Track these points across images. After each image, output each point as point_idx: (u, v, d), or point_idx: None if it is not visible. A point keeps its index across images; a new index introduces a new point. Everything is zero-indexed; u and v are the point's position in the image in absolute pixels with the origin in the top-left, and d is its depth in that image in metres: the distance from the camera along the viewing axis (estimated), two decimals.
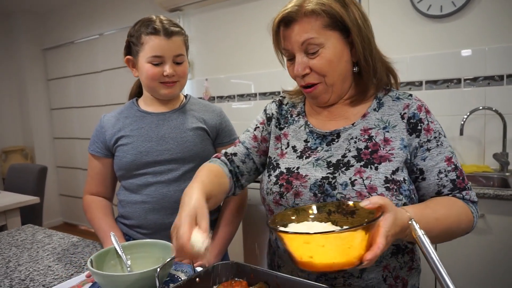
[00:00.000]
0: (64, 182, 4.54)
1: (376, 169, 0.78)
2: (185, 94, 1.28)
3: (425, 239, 0.62)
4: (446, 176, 0.81)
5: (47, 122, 4.50)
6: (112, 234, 0.95)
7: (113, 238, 0.94)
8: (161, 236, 1.06)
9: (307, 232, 0.59)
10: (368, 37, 0.82)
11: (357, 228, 0.57)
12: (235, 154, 0.97)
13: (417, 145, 0.82)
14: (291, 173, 0.85)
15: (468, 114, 2.00)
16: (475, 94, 2.06)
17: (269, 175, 0.90)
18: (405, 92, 0.88)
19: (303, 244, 0.59)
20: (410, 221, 0.64)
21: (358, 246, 0.59)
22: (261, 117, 1.01)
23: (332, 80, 0.83)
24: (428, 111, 0.84)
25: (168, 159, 1.14)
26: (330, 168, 0.82)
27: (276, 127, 0.96)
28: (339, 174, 0.80)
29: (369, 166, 0.79)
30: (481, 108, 2.01)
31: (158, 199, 1.13)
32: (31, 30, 4.27)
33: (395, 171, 0.78)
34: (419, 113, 0.83)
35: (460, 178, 0.82)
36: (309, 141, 0.89)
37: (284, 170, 0.87)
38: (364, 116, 0.86)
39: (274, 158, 0.92)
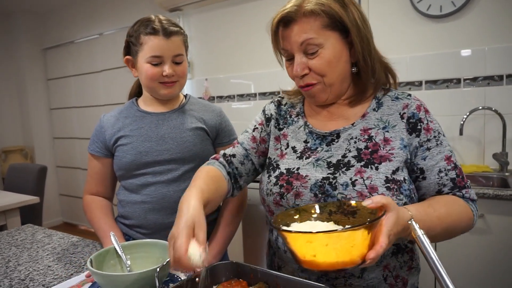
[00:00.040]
0: (64, 182, 4.54)
1: (377, 169, 0.78)
2: (185, 94, 1.28)
3: (425, 239, 0.62)
4: (446, 175, 0.82)
5: (47, 122, 4.50)
6: (112, 234, 0.95)
7: (113, 238, 0.94)
8: (161, 236, 1.06)
9: (310, 231, 0.59)
10: (367, 37, 0.82)
11: (360, 227, 0.57)
12: (234, 156, 0.96)
13: (417, 145, 0.82)
14: (291, 174, 0.85)
15: (468, 114, 2.00)
16: (475, 94, 2.06)
17: (269, 176, 0.90)
18: (404, 92, 0.88)
19: (306, 243, 0.59)
20: (410, 221, 0.65)
21: (361, 245, 0.59)
22: (260, 118, 1.00)
23: (331, 80, 0.83)
24: (427, 111, 0.84)
25: (168, 159, 1.14)
26: (331, 169, 0.82)
27: (276, 128, 0.96)
28: (340, 175, 0.80)
29: (370, 166, 0.79)
30: (481, 108, 2.01)
31: (158, 199, 1.13)
32: (31, 30, 4.27)
33: (395, 171, 0.78)
34: (419, 113, 0.83)
35: (460, 177, 0.83)
36: (309, 142, 0.89)
37: (284, 171, 0.87)
38: (364, 116, 0.86)
39: (274, 159, 0.92)
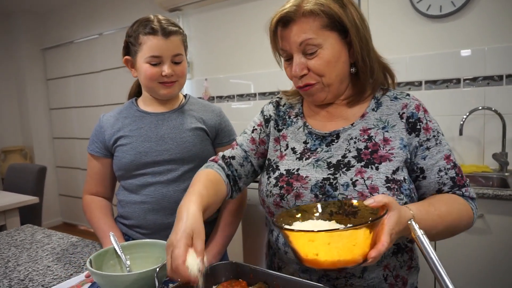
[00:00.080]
0: (64, 182, 4.54)
1: (377, 169, 0.78)
2: (185, 94, 1.27)
3: (425, 239, 0.62)
4: (446, 174, 0.82)
5: (47, 122, 4.50)
6: (112, 234, 0.95)
7: (112, 238, 0.94)
8: (161, 236, 1.06)
9: (312, 230, 0.59)
10: (366, 38, 0.82)
11: (362, 226, 0.58)
12: (233, 158, 0.95)
13: (417, 144, 0.82)
14: (291, 175, 0.85)
15: (468, 114, 2.00)
16: (475, 94, 2.06)
17: (268, 177, 0.89)
18: (403, 92, 0.88)
19: (308, 242, 0.59)
20: (409, 221, 0.65)
21: (363, 244, 0.59)
22: (258, 119, 0.99)
23: (330, 80, 0.83)
24: (426, 110, 0.85)
25: (167, 160, 1.14)
26: (331, 169, 0.82)
27: (275, 129, 0.95)
28: (340, 175, 0.80)
29: (370, 166, 0.79)
30: (481, 108, 2.01)
31: (158, 199, 1.13)
32: (31, 30, 4.27)
33: (396, 171, 0.79)
34: (418, 113, 0.83)
35: (459, 175, 0.83)
36: (309, 142, 0.88)
37: (284, 172, 0.86)
38: (363, 116, 0.86)
39: (274, 160, 0.92)
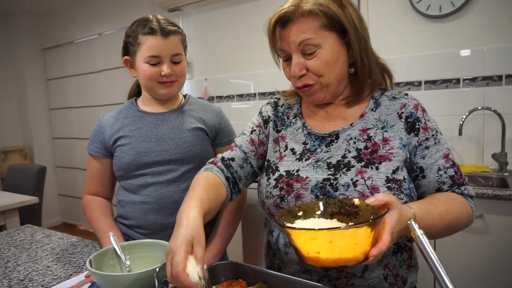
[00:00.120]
0: (63, 182, 4.54)
1: (377, 169, 0.79)
2: (184, 94, 1.27)
3: (424, 239, 0.62)
4: (445, 173, 0.82)
5: (46, 122, 4.50)
6: (111, 234, 0.95)
7: (112, 238, 0.94)
8: (160, 236, 1.06)
9: (314, 228, 0.59)
10: (365, 38, 0.82)
11: (363, 225, 0.58)
12: (233, 159, 0.94)
13: (416, 144, 0.82)
14: (291, 176, 0.85)
15: (467, 114, 2.00)
16: (474, 94, 2.07)
17: (268, 179, 0.89)
18: (401, 92, 0.89)
19: (310, 240, 0.60)
20: (409, 221, 0.65)
21: (364, 242, 0.60)
22: (257, 120, 0.99)
23: (328, 81, 0.83)
24: (424, 110, 0.85)
25: (167, 160, 1.14)
26: (331, 170, 0.82)
27: (274, 130, 0.95)
28: (340, 175, 0.80)
29: (370, 166, 0.79)
30: (480, 108, 2.01)
31: (157, 200, 1.13)
32: (31, 30, 4.27)
33: (395, 171, 0.79)
34: (416, 112, 0.83)
35: (458, 174, 0.83)
36: (308, 143, 0.88)
37: (284, 173, 0.86)
38: (362, 117, 0.86)
39: (273, 161, 0.91)
